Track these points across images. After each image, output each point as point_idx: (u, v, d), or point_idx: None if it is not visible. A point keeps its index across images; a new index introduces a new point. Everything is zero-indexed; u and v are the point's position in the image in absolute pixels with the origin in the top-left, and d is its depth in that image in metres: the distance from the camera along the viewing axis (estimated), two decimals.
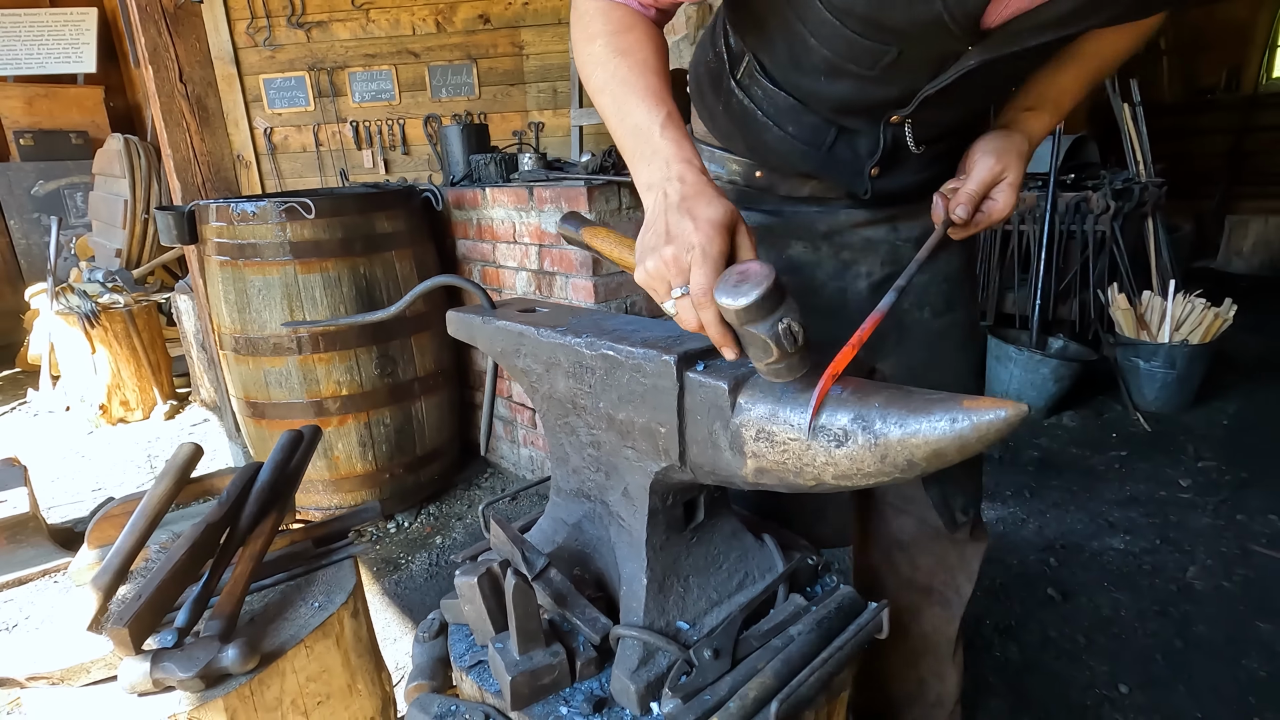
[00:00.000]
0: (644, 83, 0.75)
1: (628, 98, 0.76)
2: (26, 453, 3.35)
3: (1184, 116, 7.08)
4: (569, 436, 0.89)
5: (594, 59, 0.79)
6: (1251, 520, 2.32)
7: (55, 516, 2.68)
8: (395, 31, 4.64)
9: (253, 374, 2.42)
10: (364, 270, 2.40)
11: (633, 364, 0.75)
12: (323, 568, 1.13)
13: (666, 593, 0.81)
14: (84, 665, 0.90)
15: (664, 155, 0.71)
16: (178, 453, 1.14)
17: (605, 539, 0.88)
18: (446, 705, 0.78)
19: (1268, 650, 1.74)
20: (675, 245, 0.66)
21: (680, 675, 0.73)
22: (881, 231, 1.00)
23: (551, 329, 0.86)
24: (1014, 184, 0.84)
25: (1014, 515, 2.45)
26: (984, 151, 0.85)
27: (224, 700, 0.87)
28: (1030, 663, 1.75)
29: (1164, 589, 2.01)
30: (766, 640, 0.79)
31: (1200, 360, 3.20)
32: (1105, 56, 0.89)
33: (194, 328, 3.68)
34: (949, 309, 1.05)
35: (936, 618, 1.21)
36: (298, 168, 4.84)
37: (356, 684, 1.07)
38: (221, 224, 2.33)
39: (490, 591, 0.81)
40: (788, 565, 0.88)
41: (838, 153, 0.91)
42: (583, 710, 0.74)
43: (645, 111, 0.74)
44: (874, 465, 0.60)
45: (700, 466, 0.74)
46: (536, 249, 2.43)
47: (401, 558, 2.41)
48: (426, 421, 2.65)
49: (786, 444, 0.65)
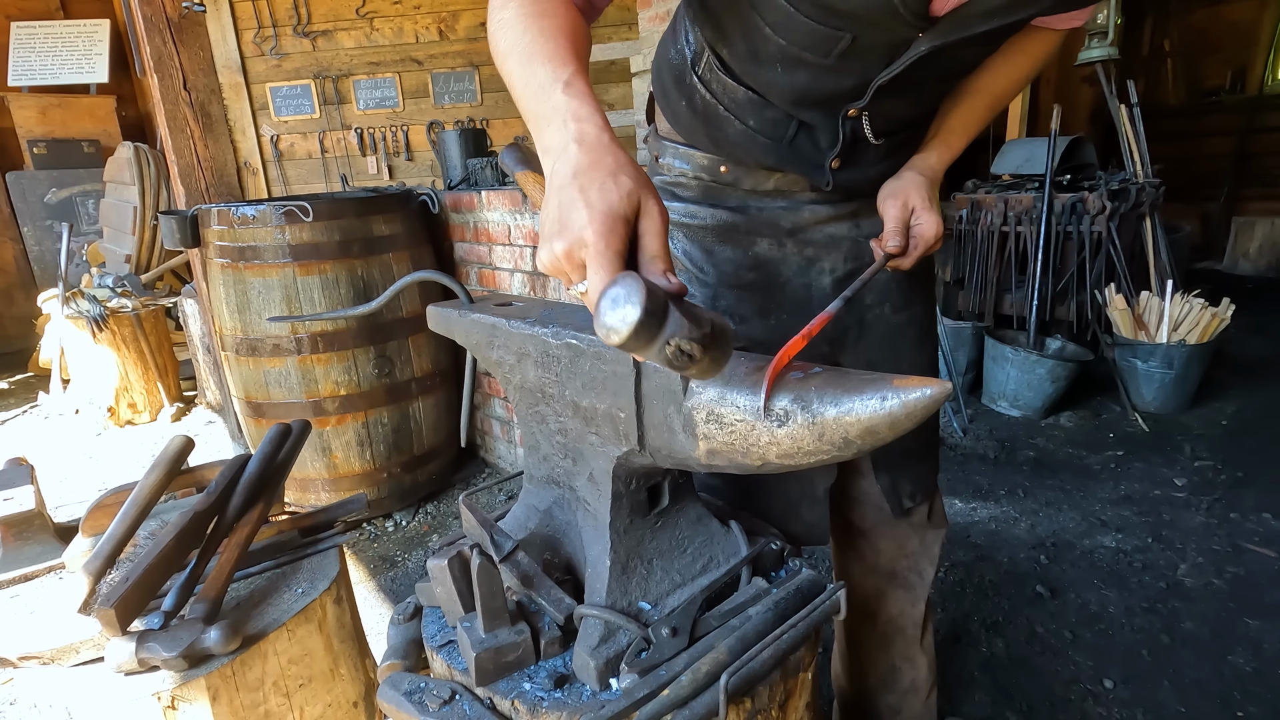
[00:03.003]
0: (553, 45, 0.69)
1: (533, 59, 0.69)
2: (37, 454, 3.41)
3: (1189, 119, 7.06)
4: (539, 425, 0.92)
5: (504, 24, 0.73)
6: (1245, 519, 2.32)
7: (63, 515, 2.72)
8: (399, 39, 4.72)
9: (253, 374, 2.47)
10: (361, 272, 2.44)
11: (594, 352, 0.78)
12: (308, 556, 1.16)
13: (629, 574, 0.83)
14: (73, 646, 0.94)
15: (563, 113, 0.64)
16: (169, 445, 1.18)
17: (574, 524, 0.91)
18: (416, 682, 0.81)
19: (1254, 646, 1.74)
20: (567, 239, 0.58)
21: (639, 652, 0.76)
22: (844, 228, 1.03)
23: (522, 320, 0.89)
24: (925, 208, 0.92)
25: (1006, 514, 2.46)
26: (884, 196, 0.95)
27: (206, 679, 0.91)
28: (1016, 658, 1.76)
29: (1153, 586, 2.01)
30: (725, 620, 0.81)
31: (1198, 360, 3.19)
32: (996, 92, 0.98)
33: (200, 331, 3.74)
34: (907, 305, 1.09)
35: (901, 600, 1.25)
36: (303, 174, 4.91)
37: (339, 669, 1.10)
38: (223, 227, 2.38)
39: (459, 573, 0.83)
40: (751, 549, 0.90)
41: (799, 146, 0.94)
42: (545, 686, 0.77)
43: (550, 71, 0.67)
44: (813, 444, 0.63)
45: (658, 450, 0.76)
46: (531, 250, 2.47)
47: (398, 555, 2.45)
48: (424, 421, 2.69)
49: (734, 425, 0.67)
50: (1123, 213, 3.44)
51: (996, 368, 3.38)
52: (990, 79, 0.97)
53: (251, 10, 4.54)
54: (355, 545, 2.54)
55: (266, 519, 1.16)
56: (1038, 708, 1.60)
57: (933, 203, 0.93)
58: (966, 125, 0.99)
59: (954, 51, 0.78)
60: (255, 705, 0.97)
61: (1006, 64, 0.97)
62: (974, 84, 0.98)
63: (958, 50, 0.78)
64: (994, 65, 0.96)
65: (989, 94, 0.98)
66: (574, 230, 0.58)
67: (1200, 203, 6.92)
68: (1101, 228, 3.41)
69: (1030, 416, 3.32)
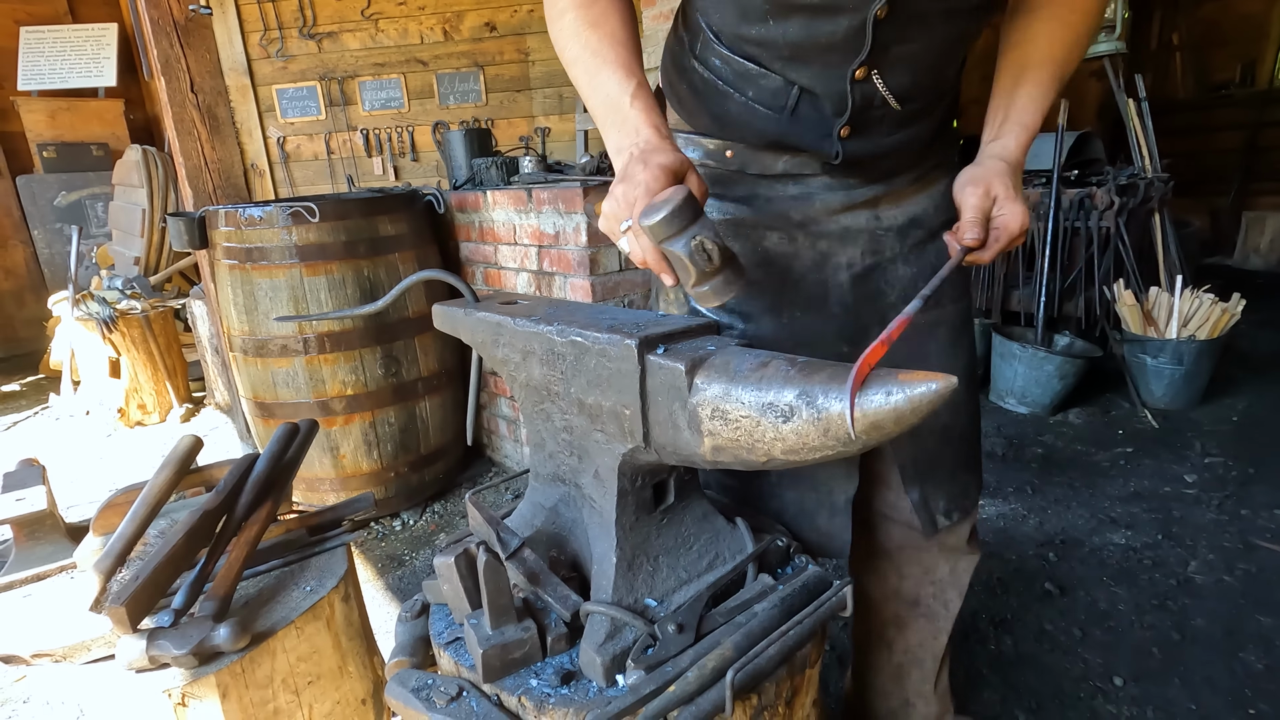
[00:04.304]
0: (614, 54, 0.83)
1: (600, 69, 0.83)
2: (48, 455, 3.44)
3: (1198, 113, 7.00)
4: (545, 423, 0.93)
5: (565, 32, 0.86)
6: (1256, 515, 2.30)
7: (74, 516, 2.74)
8: (404, 40, 4.73)
9: (261, 374, 2.48)
10: (368, 272, 2.45)
11: (598, 349, 0.78)
12: (316, 555, 1.16)
13: (635, 571, 0.83)
14: (85, 643, 0.95)
15: (633, 122, 0.79)
16: (178, 444, 1.19)
17: (579, 521, 0.91)
18: (423, 679, 0.81)
19: (1266, 643, 1.73)
20: (626, 184, 0.74)
21: (645, 648, 0.76)
22: (861, 219, 0.97)
23: (527, 318, 0.89)
24: (1009, 197, 0.85)
25: (1015, 512, 2.44)
26: (962, 184, 0.88)
27: (216, 677, 0.91)
28: (1024, 655, 1.75)
29: (1164, 583, 2.00)
30: (731, 617, 0.81)
31: (1208, 356, 3.17)
32: (1058, 58, 0.89)
33: (208, 332, 3.76)
34: (936, 303, 1.01)
35: (923, 631, 1.17)
36: (310, 176, 4.93)
37: (348, 666, 1.10)
38: (230, 229, 2.40)
39: (466, 570, 0.84)
40: (757, 546, 0.90)
41: (801, 114, 0.89)
42: (551, 682, 0.77)
43: (617, 83, 0.81)
44: (818, 439, 0.63)
45: (663, 447, 0.76)
46: (536, 250, 2.47)
47: (406, 554, 2.46)
48: (430, 421, 2.70)
49: (739, 421, 0.67)
50: (1131, 208, 3.42)
51: (1004, 365, 3.37)
52: (1047, 46, 0.88)
53: (257, 13, 4.56)
54: (363, 545, 2.55)
55: (275, 518, 1.17)
56: (1046, 705, 1.60)
57: (1017, 191, 0.86)
58: (1036, 100, 0.89)
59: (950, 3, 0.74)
60: (264, 702, 0.97)
61: (1057, 25, 0.88)
62: (1031, 55, 0.89)
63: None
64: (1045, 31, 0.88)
65: (1051, 61, 0.89)
66: (635, 180, 0.73)
67: (1210, 197, 6.86)
68: (1110, 223, 3.39)
69: (1038, 414, 3.30)
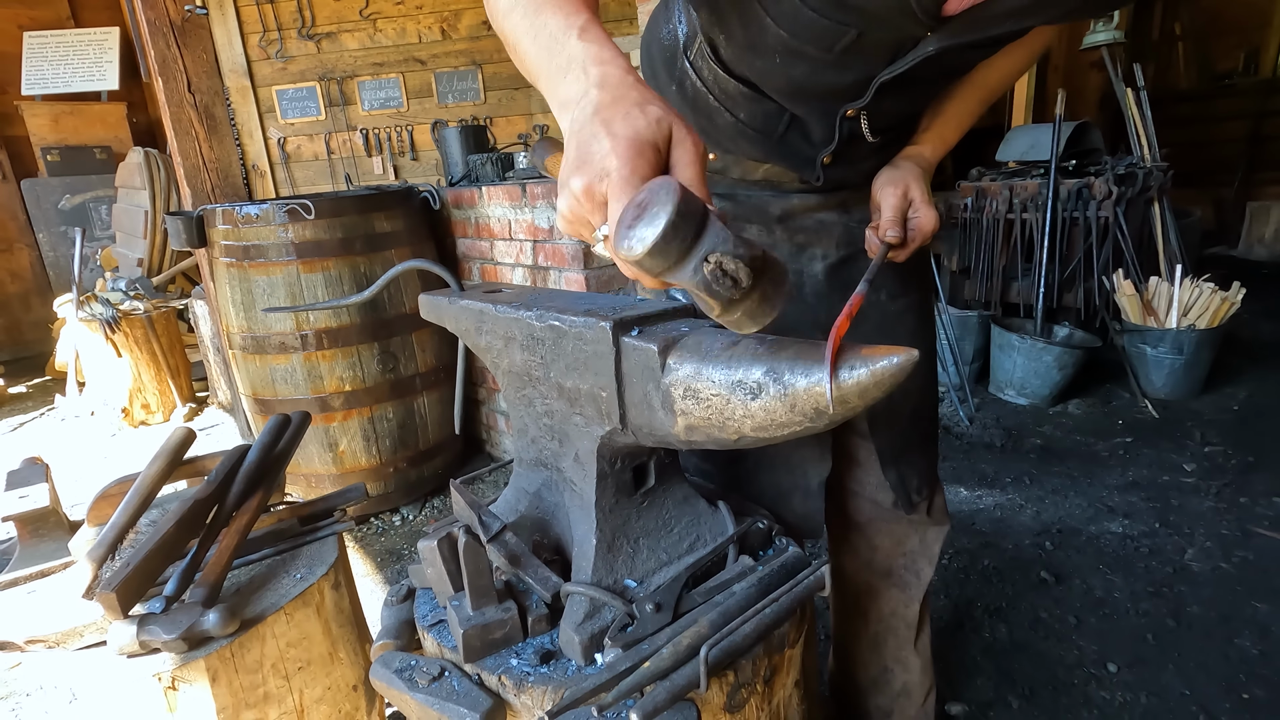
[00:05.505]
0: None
1: (540, 9, 0.62)
2: (54, 455, 3.47)
3: (1201, 103, 6.96)
4: (527, 408, 0.93)
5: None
6: (1254, 503, 2.29)
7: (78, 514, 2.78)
8: (402, 40, 4.74)
9: (260, 371, 2.50)
10: (364, 269, 2.46)
11: (575, 332, 0.79)
12: (307, 544, 1.18)
13: (615, 552, 0.84)
14: (78, 629, 0.96)
15: (581, 60, 0.56)
16: (170, 437, 1.20)
17: (561, 505, 0.92)
18: (406, 660, 0.82)
19: (1262, 629, 1.73)
20: (586, 173, 0.51)
21: (623, 627, 0.77)
22: (834, 215, 1.03)
23: (508, 305, 0.90)
24: (924, 200, 0.92)
25: (1012, 501, 2.44)
26: (882, 183, 0.93)
27: (206, 661, 0.93)
28: (1019, 643, 1.75)
29: (1160, 571, 1.99)
30: (710, 596, 0.82)
31: (1208, 345, 3.15)
32: (990, 85, 0.97)
33: (210, 332, 3.79)
34: (904, 292, 1.08)
35: (895, 600, 1.21)
36: (311, 176, 4.95)
37: (338, 652, 1.12)
38: (228, 227, 2.41)
39: (449, 554, 0.85)
40: (738, 528, 0.91)
41: (789, 141, 0.92)
42: (531, 662, 0.78)
43: (561, 19, 0.60)
44: (785, 415, 0.63)
45: (640, 428, 0.77)
46: (531, 245, 2.48)
47: (405, 549, 2.47)
48: (428, 416, 2.71)
49: (710, 400, 0.68)
50: (1130, 198, 3.40)
51: (1003, 356, 3.36)
52: (984, 72, 0.96)
53: (256, 14, 4.59)
54: (363, 540, 2.56)
55: (266, 507, 1.18)
56: (1040, 691, 1.60)
57: (929, 195, 0.93)
58: (960, 118, 0.98)
59: (961, 52, 0.74)
60: (254, 687, 0.99)
61: (1003, 57, 0.93)
62: (968, 77, 0.96)
63: (965, 51, 0.74)
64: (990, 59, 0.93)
65: (983, 87, 0.97)
66: (595, 162, 0.50)
67: (1214, 188, 6.82)
68: (1108, 213, 3.38)
69: (1038, 405, 3.29)
